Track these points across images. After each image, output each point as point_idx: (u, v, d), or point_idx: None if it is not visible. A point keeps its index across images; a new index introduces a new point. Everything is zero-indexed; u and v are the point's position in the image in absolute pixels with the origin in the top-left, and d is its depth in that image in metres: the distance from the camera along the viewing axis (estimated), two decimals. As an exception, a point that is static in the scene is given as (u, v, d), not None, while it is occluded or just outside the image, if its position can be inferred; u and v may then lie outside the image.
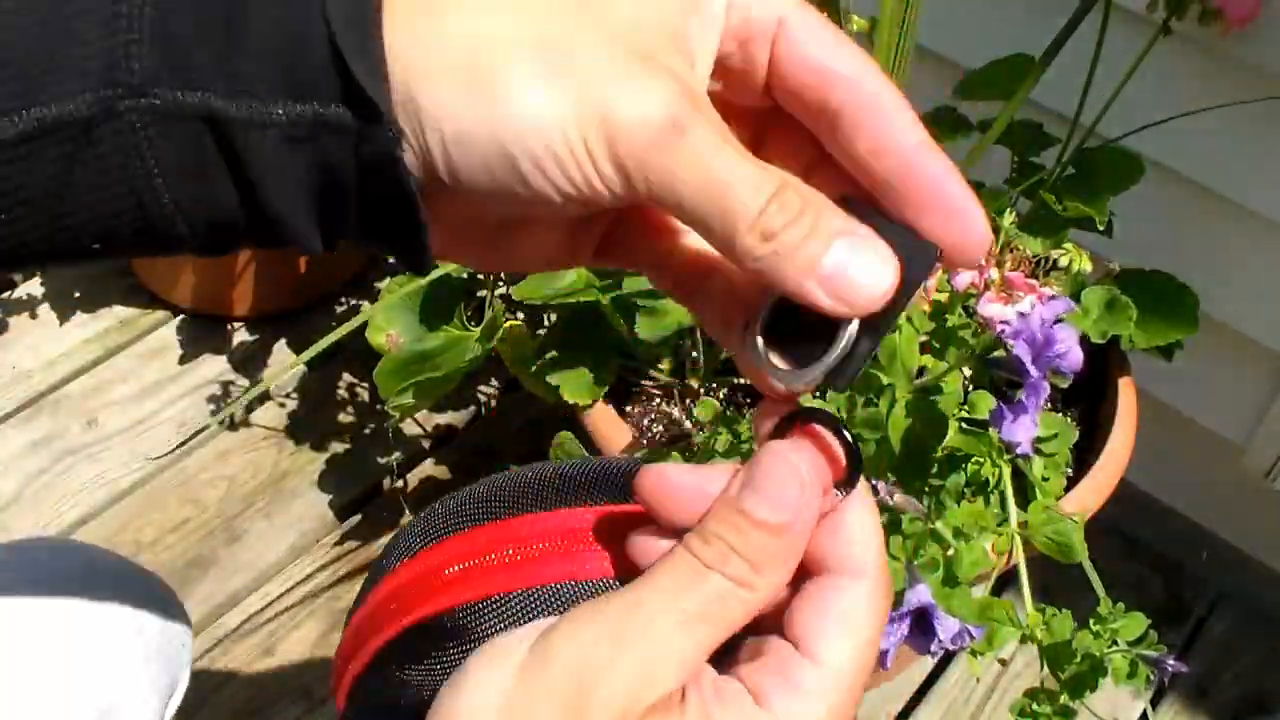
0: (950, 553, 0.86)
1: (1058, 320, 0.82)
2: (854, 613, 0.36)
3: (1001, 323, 0.83)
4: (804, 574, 0.37)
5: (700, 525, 0.35)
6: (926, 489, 0.92)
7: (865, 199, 0.36)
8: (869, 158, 0.36)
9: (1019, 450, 0.84)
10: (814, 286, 0.34)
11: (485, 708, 0.34)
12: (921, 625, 0.83)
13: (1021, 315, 0.82)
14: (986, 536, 0.89)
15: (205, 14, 0.31)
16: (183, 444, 1.47)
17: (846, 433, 0.36)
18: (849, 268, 0.34)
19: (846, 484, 0.36)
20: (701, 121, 0.33)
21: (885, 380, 0.90)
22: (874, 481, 0.84)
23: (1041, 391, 0.81)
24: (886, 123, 0.36)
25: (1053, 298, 0.83)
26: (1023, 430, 0.82)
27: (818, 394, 0.35)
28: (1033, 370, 0.80)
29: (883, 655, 0.83)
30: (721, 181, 0.33)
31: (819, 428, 0.36)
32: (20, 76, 0.31)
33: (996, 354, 0.83)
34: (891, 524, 0.88)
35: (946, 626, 0.81)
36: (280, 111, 0.32)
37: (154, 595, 0.76)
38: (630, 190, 0.33)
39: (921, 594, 0.82)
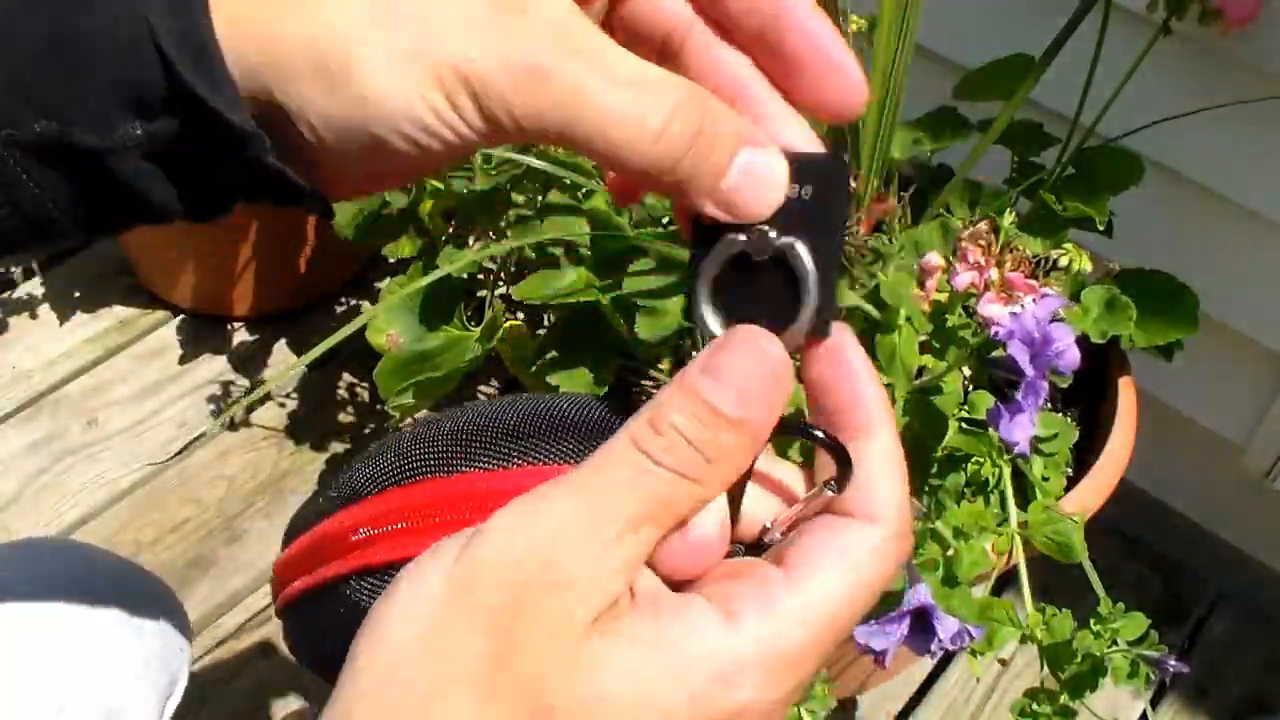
0: (950, 553, 0.86)
1: (1055, 319, 0.82)
2: (857, 550, 0.34)
3: (997, 324, 0.83)
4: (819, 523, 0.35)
5: (652, 408, 0.33)
6: (926, 489, 0.92)
7: None
8: (741, 16, 0.36)
9: (1017, 450, 0.84)
10: (717, 197, 0.34)
11: (414, 618, 0.32)
12: (921, 625, 0.83)
13: (1014, 315, 0.82)
14: (986, 536, 0.89)
15: (48, 61, 0.33)
16: (183, 449, 1.47)
17: (820, 433, 0.35)
18: (756, 170, 0.34)
19: (839, 481, 0.35)
20: (568, 57, 0.33)
21: (884, 380, 0.90)
22: None
23: (1040, 391, 0.81)
24: (813, 41, 0.36)
25: (1046, 295, 0.83)
26: (1020, 430, 0.82)
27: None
28: (1029, 369, 0.80)
29: (881, 654, 0.83)
30: (602, 116, 0.33)
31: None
32: None
33: (995, 354, 0.83)
34: None
35: (946, 626, 0.81)
36: (139, 133, 0.33)
37: (153, 596, 0.76)
38: (513, 134, 0.33)
39: (921, 594, 0.82)
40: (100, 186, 0.34)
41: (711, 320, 0.35)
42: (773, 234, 0.35)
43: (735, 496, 0.35)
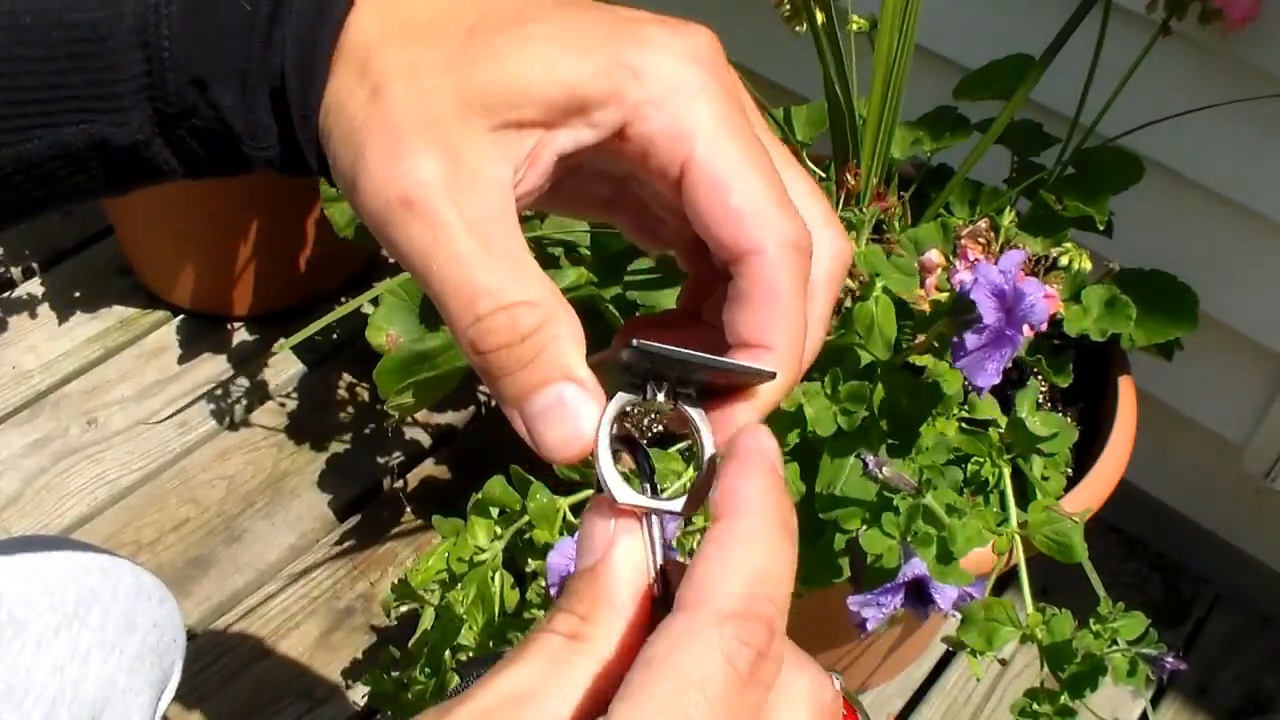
0: (943, 532, 0.86)
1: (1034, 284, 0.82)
2: (653, 648, 0.30)
3: (958, 279, 0.84)
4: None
5: None
6: (916, 466, 0.92)
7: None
8: (732, 325, 0.36)
9: (980, 390, 0.84)
10: (520, 423, 0.34)
11: None
12: (918, 596, 0.84)
13: (976, 264, 0.83)
14: (986, 537, 0.89)
15: (223, 65, 0.38)
16: (186, 445, 1.47)
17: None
18: (550, 415, 0.34)
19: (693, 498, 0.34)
20: (443, 206, 0.34)
21: (867, 356, 0.90)
22: (864, 457, 0.84)
23: (1011, 344, 0.82)
24: (761, 317, 0.35)
25: (1012, 250, 0.84)
26: (983, 375, 0.82)
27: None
28: (991, 315, 0.80)
29: (863, 623, 0.83)
30: (439, 275, 0.34)
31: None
32: (75, 99, 0.38)
33: (969, 316, 0.83)
34: (887, 502, 0.88)
35: (945, 594, 0.81)
36: (270, 143, 0.39)
37: (145, 590, 0.76)
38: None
39: (916, 566, 0.82)
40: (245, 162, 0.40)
41: (611, 477, 0.34)
42: (662, 398, 0.35)
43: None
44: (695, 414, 0.36)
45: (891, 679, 1.34)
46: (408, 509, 1.46)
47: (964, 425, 0.94)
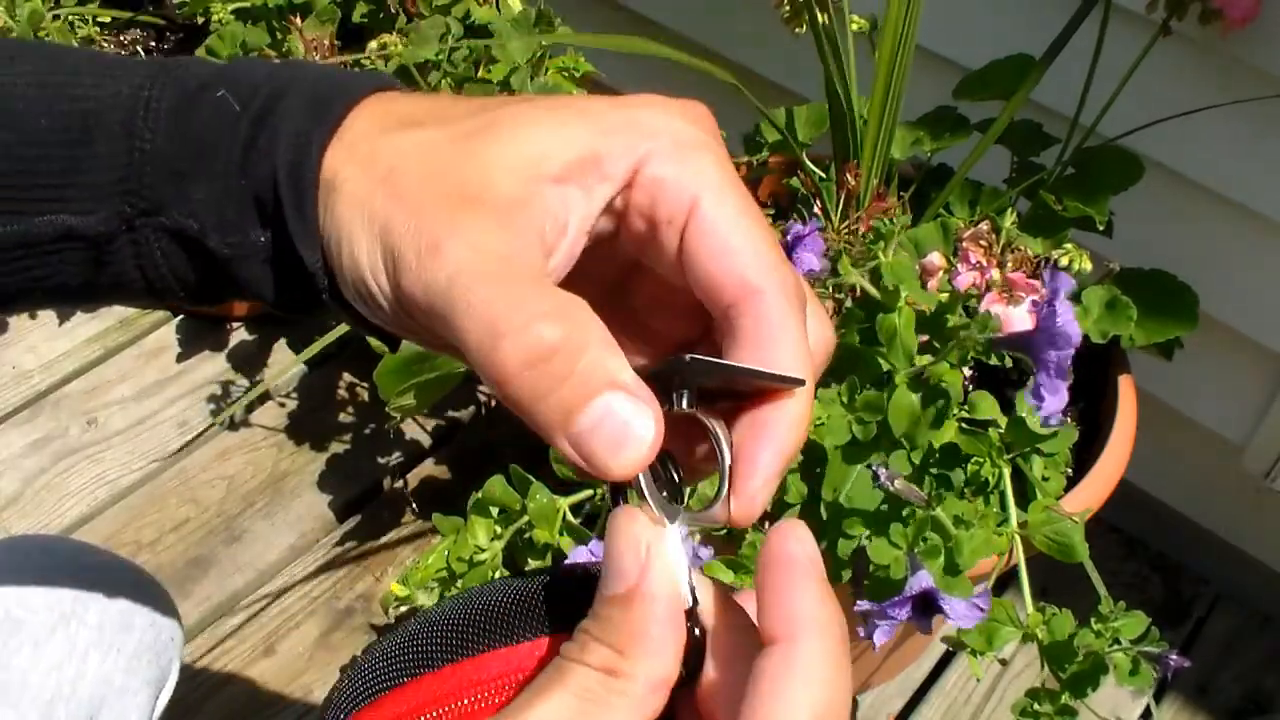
0: (950, 543, 0.86)
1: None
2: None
3: (985, 275, 0.84)
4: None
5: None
6: (926, 477, 0.92)
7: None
8: (736, 357, 0.36)
9: (1053, 421, 0.84)
10: (568, 449, 0.32)
11: None
12: (925, 608, 0.83)
13: (1035, 304, 0.82)
14: (986, 534, 0.89)
15: (204, 159, 0.38)
16: (194, 438, 1.47)
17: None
18: (602, 430, 0.31)
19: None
20: (472, 247, 0.33)
21: (885, 365, 0.90)
22: (874, 467, 0.84)
23: (1060, 365, 0.81)
24: (769, 354, 0.35)
25: (1055, 273, 0.83)
26: (1057, 402, 0.82)
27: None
28: (1075, 334, 0.79)
29: (872, 635, 0.83)
30: (465, 300, 0.33)
31: None
32: (50, 187, 0.39)
33: (996, 333, 0.83)
34: (893, 511, 0.88)
35: (955, 608, 0.81)
36: (261, 241, 0.39)
37: (142, 589, 0.76)
38: (406, 307, 0.35)
39: (923, 579, 0.82)
40: (217, 274, 0.40)
41: (651, 492, 0.33)
42: (685, 406, 0.35)
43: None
44: (716, 425, 0.35)
45: (891, 679, 1.34)
46: (408, 509, 1.46)
47: (964, 425, 0.94)
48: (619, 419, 0.32)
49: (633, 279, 0.40)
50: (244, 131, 0.38)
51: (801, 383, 0.35)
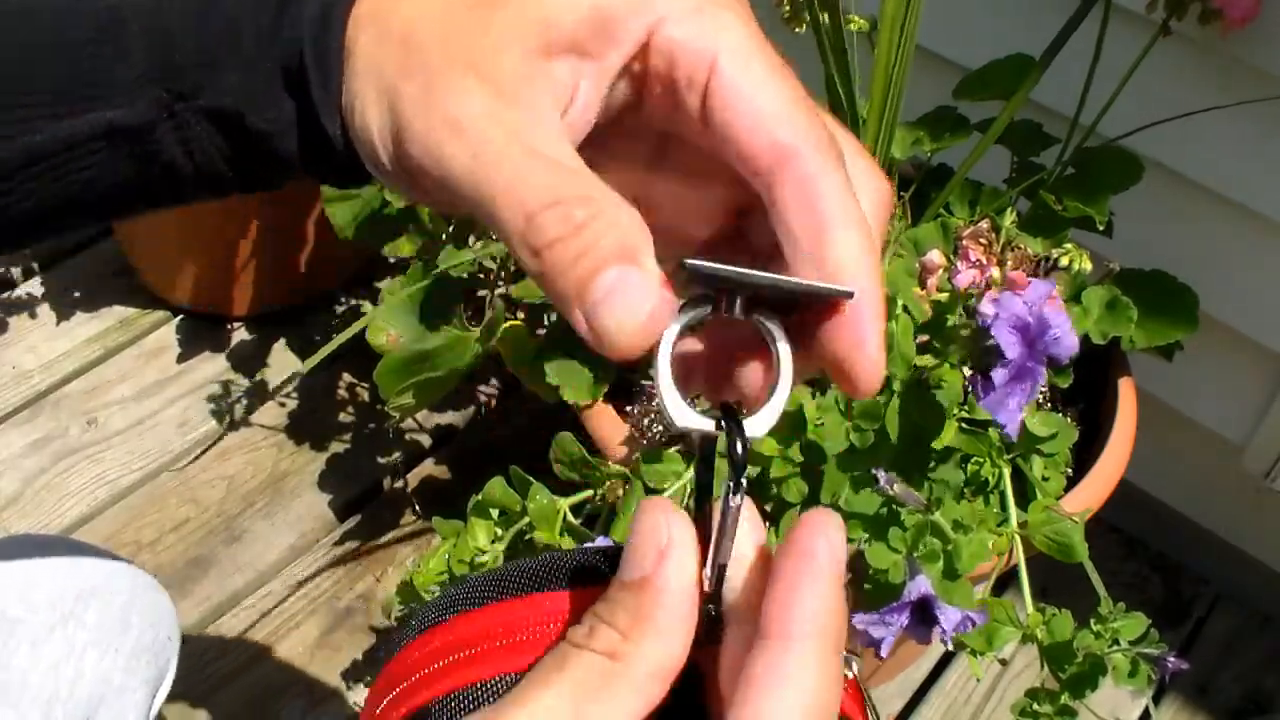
0: (949, 547, 0.86)
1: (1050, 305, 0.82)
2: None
3: (980, 312, 0.83)
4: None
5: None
6: (925, 481, 0.92)
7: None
8: (787, 244, 0.33)
9: (1005, 429, 0.83)
10: (581, 323, 0.31)
11: None
12: (923, 616, 0.83)
13: (997, 299, 0.82)
14: (986, 536, 0.89)
15: (232, 43, 0.39)
16: (195, 457, 1.47)
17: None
18: (611, 298, 0.31)
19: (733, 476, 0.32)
20: (489, 126, 0.33)
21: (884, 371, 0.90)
22: (875, 470, 0.84)
23: (1033, 376, 0.81)
24: (815, 218, 0.33)
25: (1034, 282, 0.83)
26: (1005, 412, 0.82)
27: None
28: (1011, 350, 0.79)
29: (878, 644, 0.83)
30: (490, 189, 0.32)
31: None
32: (87, 85, 0.39)
33: (989, 344, 0.83)
34: (891, 515, 0.87)
35: (949, 616, 0.81)
36: (279, 116, 0.39)
37: (140, 589, 0.76)
38: (416, 177, 0.35)
39: (922, 585, 0.82)
40: (259, 153, 0.40)
41: (672, 401, 0.32)
42: (738, 311, 0.33)
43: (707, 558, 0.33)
44: (773, 327, 0.33)
45: (891, 679, 1.34)
46: (408, 509, 1.46)
47: (964, 425, 0.94)
48: (631, 285, 0.31)
49: (668, 159, 0.39)
50: (270, 9, 0.38)
51: (849, 294, 0.32)
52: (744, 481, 0.32)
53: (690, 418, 0.32)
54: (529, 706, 0.30)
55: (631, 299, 0.31)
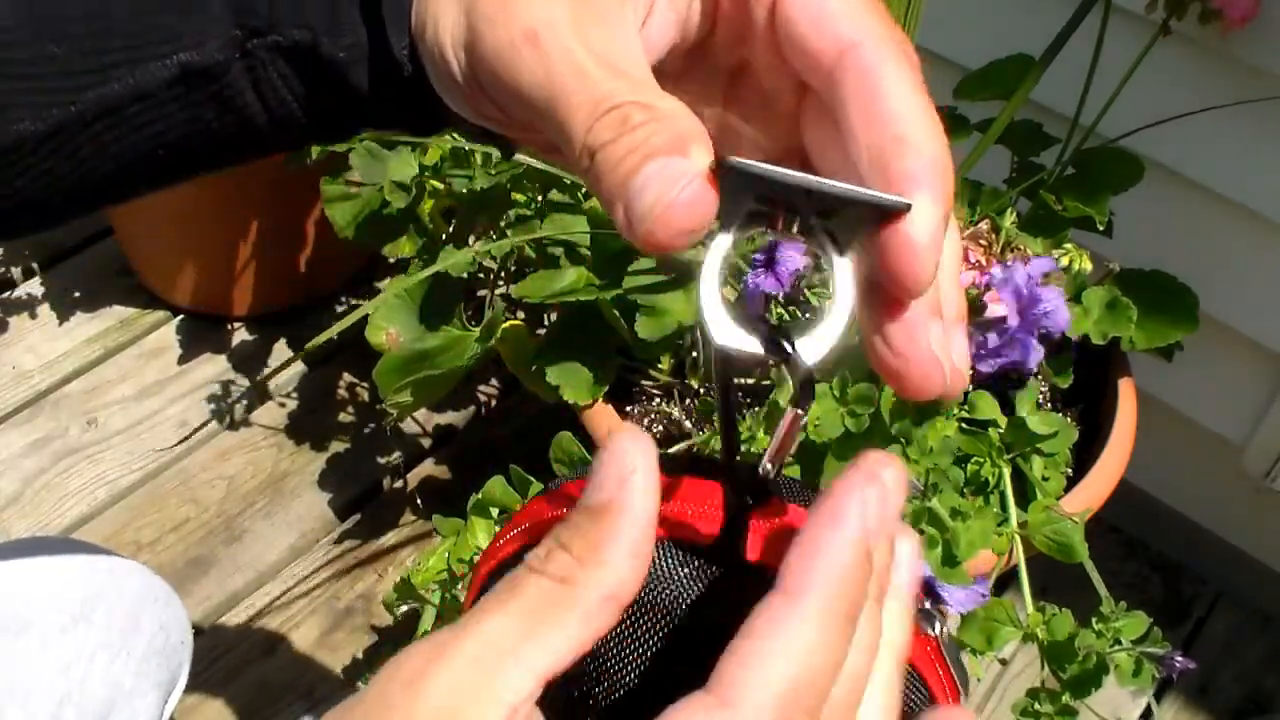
0: (947, 535, 0.86)
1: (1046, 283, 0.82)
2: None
3: (987, 273, 0.84)
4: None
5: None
6: (922, 470, 0.92)
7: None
8: (851, 146, 0.32)
9: (980, 371, 0.84)
10: (620, 213, 0.30)
11: None
12: (925, 598, 0.84)
13: (1007, 266, 0.83)
14: (985, 524, 0.89)
15: None
16: (184, 439, 1.47)
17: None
18: (649, 183, 0.30)
19: (800, 398, 0.31)
20: (567, 34, 0.33)
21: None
22: None
23: (1030, 348, 0.81)
24: (877, 112, 0.32)
25: (1035, 257, 0.84)
26: (981, 362, 0.82)
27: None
28: (1013, 319, 0.80)
29: None
30: (562, 95, 0.32)
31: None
32: (163, 27, 0.39)
33: (985, 317, 0.83)
34: None
35: (955, 596, 0.81)
36: (352, 43, 0.39)
37: (152, 591, 0.76)
38: (496, 101, 0.35)
39: (922, 570, 0.82)
40: (333, 91, 0.39)
41: (714, 316, 0.31)
42: (796, 229, 0.31)
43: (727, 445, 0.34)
44: (829, 243, 0.31)
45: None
46: (408, 509, 1.46)
47: (964, 425, 0.94)
48: (670, 172, 0.30)
49: (740, 94, 0.38)
50: None
51: (906, 206, 0.30)
52: (810, 393, 0.31)
53: (733, 334, 0.31)
54: (479, 628, 0.30)
55: (669, 182, 0.30)
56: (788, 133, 0.38)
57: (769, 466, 0.34)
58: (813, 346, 0.31)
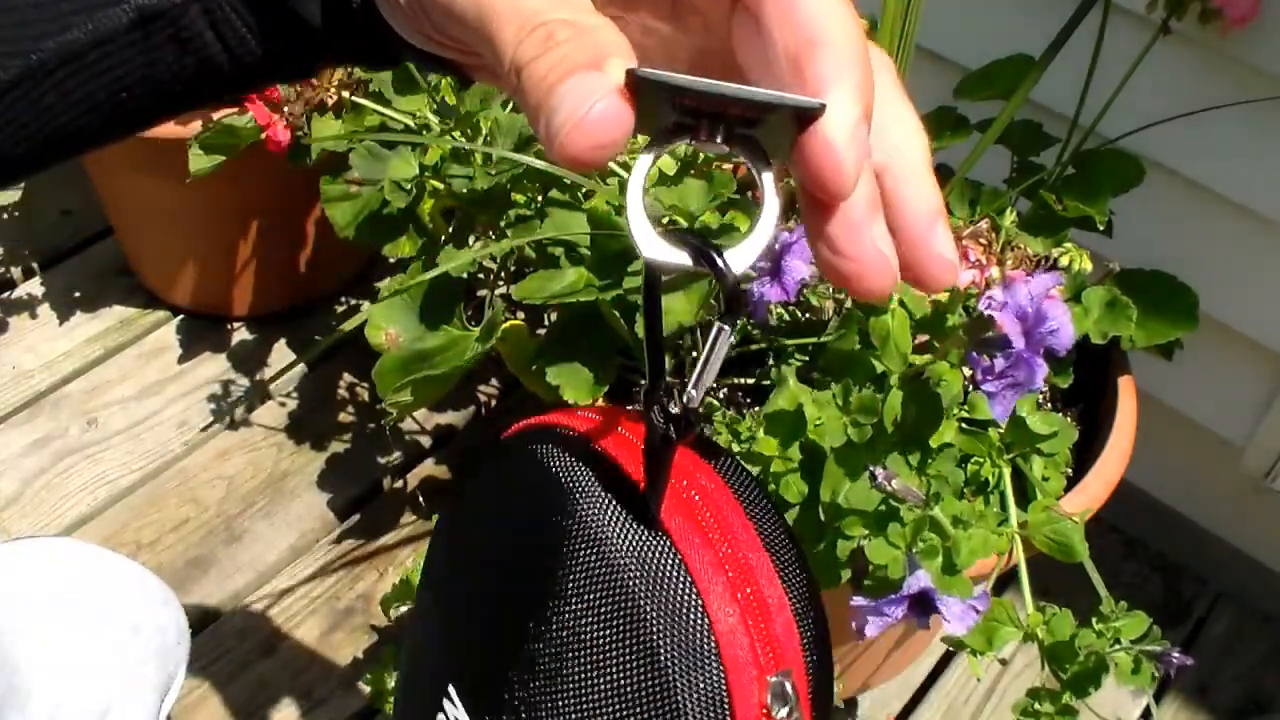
0: (948, 543, 0.86)
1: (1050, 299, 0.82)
2: None
3: (988, 296, 0.83)
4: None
5: None
6: (924, 477, 0.92)
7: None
8: (769, 43, 0.32)
9: (997, 415, 0.83)
10: (542, 128, 0.30)
11: None
12: (922, 607, 0.84)
13: (1008, 287, 0.82)
14: (986, 532, 0.89)
15: None
16: (207, 425, 1.46)
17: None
18: (566, 99, 0.30)
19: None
20: None
21: (879, 367, 0.90)
22: (873, 469, 0.84)
23: (1033, 368, 0.81)
24: (793, 18, 0.31)
25: (1039, 274, 0.84)
26: (1000, 403, 0.82)
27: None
28: (1019, 340, 0.80)
29: (862, 629, 0.83)
30: (490, 5, 0.32)
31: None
32: None
33: (989, 335, 0.83)
34: (891, 511, 0.88)
35: (951, 608, 0.81)
36: None
37: (149, 592, 0.76)
38: (435, 24, 0.35)
39: (922, 579, 0.82)
40: (286, 25, 0.40)
41: (640, 229, 0.31)
42: (719, 141, 0.31)
43: None
44: (754, 153, 0.31)
45: (891, 679, 1.34)
46: (408, 509, 1.46)
47: (964, 425, 0.94)
48: (586, 86, 0.30)
49: (683, 12, 0.38)
50: None
51: (820, 107, 0.29)
52: (737, 305, 0.31)
53: (660, 248, 0.30)
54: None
55: (582, 97, 0.29)
56: (724, 44, 0.37)
57: (694, 393, 0.34)
58: (740, 256, 0.31)
